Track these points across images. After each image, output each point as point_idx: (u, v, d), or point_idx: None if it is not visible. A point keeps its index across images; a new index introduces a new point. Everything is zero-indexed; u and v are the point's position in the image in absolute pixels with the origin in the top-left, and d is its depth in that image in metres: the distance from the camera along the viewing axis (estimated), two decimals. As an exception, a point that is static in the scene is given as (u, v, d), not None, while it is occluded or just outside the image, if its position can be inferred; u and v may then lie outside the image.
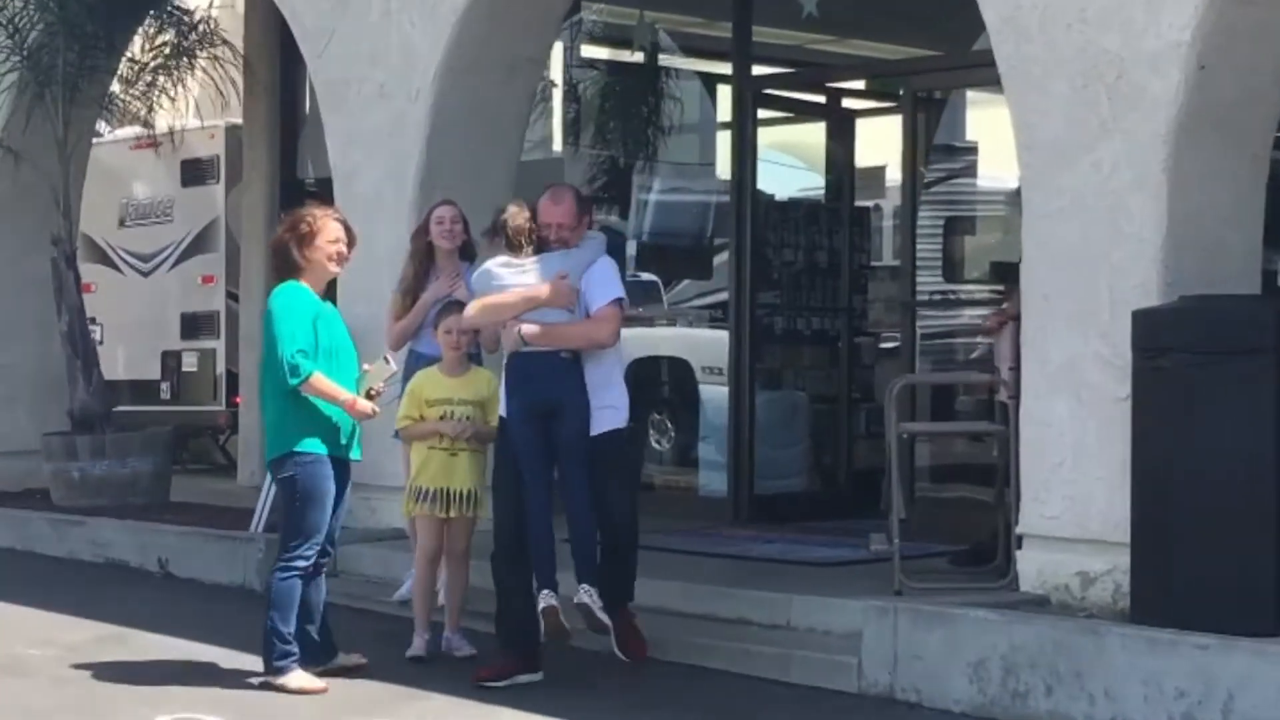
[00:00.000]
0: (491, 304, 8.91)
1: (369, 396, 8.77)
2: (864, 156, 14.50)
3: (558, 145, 15.09)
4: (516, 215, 8.94)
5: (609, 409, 8.92)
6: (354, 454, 8.86)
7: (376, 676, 8.94)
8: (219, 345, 17.42)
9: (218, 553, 12.05)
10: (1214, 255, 8.79)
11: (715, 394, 13.99)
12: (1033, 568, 9.10)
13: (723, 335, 13.88)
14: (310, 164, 15.95)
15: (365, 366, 8.83)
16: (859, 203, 14.36)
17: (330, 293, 9.09)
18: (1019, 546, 9.20)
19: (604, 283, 8.94)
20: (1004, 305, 9.96)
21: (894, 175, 15.04)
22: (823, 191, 14.38)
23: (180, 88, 15.31)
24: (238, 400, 17.09)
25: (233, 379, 17.15)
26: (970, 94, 13.95)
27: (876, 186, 15.24)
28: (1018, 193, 15.13)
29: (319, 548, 8.72)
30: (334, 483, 8.71)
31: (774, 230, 13.42)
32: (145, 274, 18.09)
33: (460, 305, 9.50)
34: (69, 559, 13.12)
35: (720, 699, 8.66)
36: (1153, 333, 8.33)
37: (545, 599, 8.60)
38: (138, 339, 17.94)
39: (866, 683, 8.62)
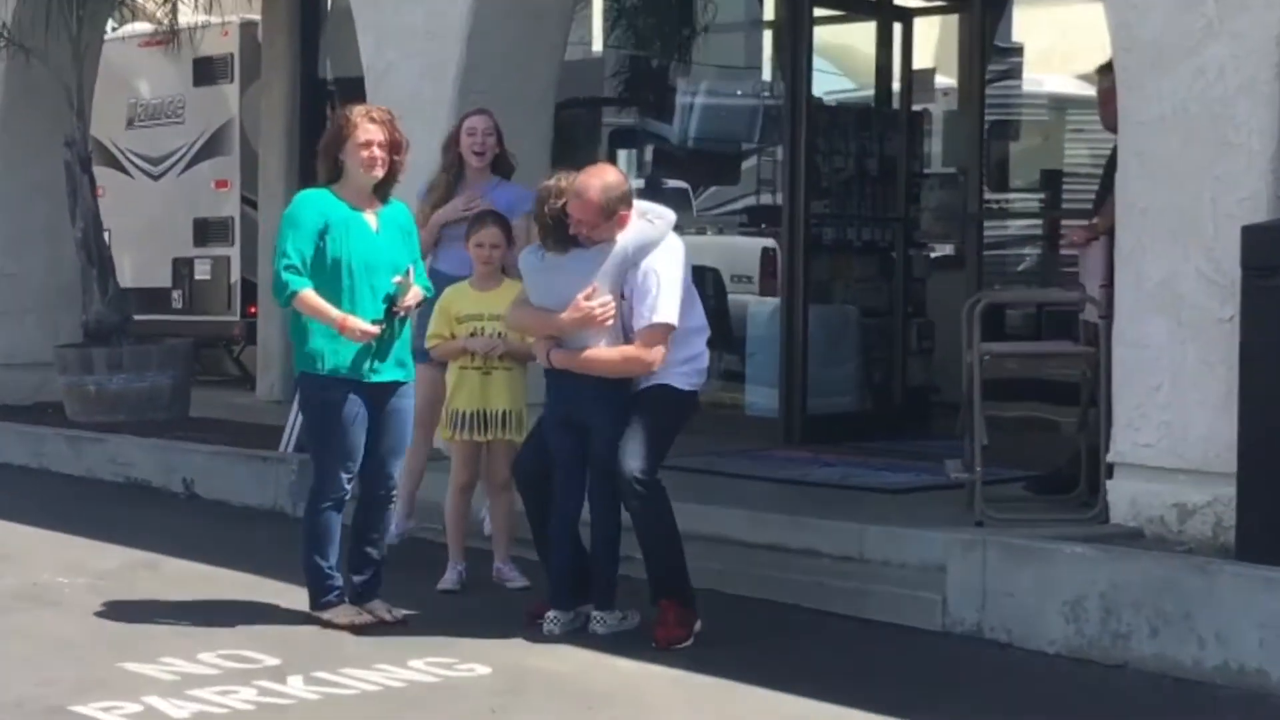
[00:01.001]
0: (517, 318, 8.31)
1: (392, 314, 8.17)
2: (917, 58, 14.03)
3: (598, 45, 14.53)
4: (542, 201, 7.98)
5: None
6: (380, 374, 8.17)
7: (421, 610, 8.54)
8: (234, 252, 16.91)
9: (246, 474, 11.64)
10: (1327, 166, 8.33)
11: (757, 307, 13.56)
12: (1125, 498, 8.69)
13: (754, 243, 13.41)
14: (331, 63, 15.43)
15: (396, 279, 8.19)
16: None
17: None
18: (1110, 475, 8.78)
19: (646, 296, 7.92)
20: (1093, 220, 9.46)
21: (946, 79, 14.63)
22: (872, 95, 13.88)
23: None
24: (253, 310, 16.64)
25: (249, 288, 16.65)
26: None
27: (927, 90, 14.72)
28: (1064, 99, 14.82)
29: (349, 476, 8.18)
30: (362, 406, 8.13)
31: (823, 136, 12.90)
32: (155, 177, 17.59)
33: (495, 216, 9.00)
34: (87, 478, 12.72)
35: (794, 637, 8.25)
36: (1267, 250, 7.87)
37: (550, 622, 8.06)
38: (147, 246, 17.42)
39: (951, 620, 8.21)
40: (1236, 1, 8.23)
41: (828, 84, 14.92)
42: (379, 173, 8.18)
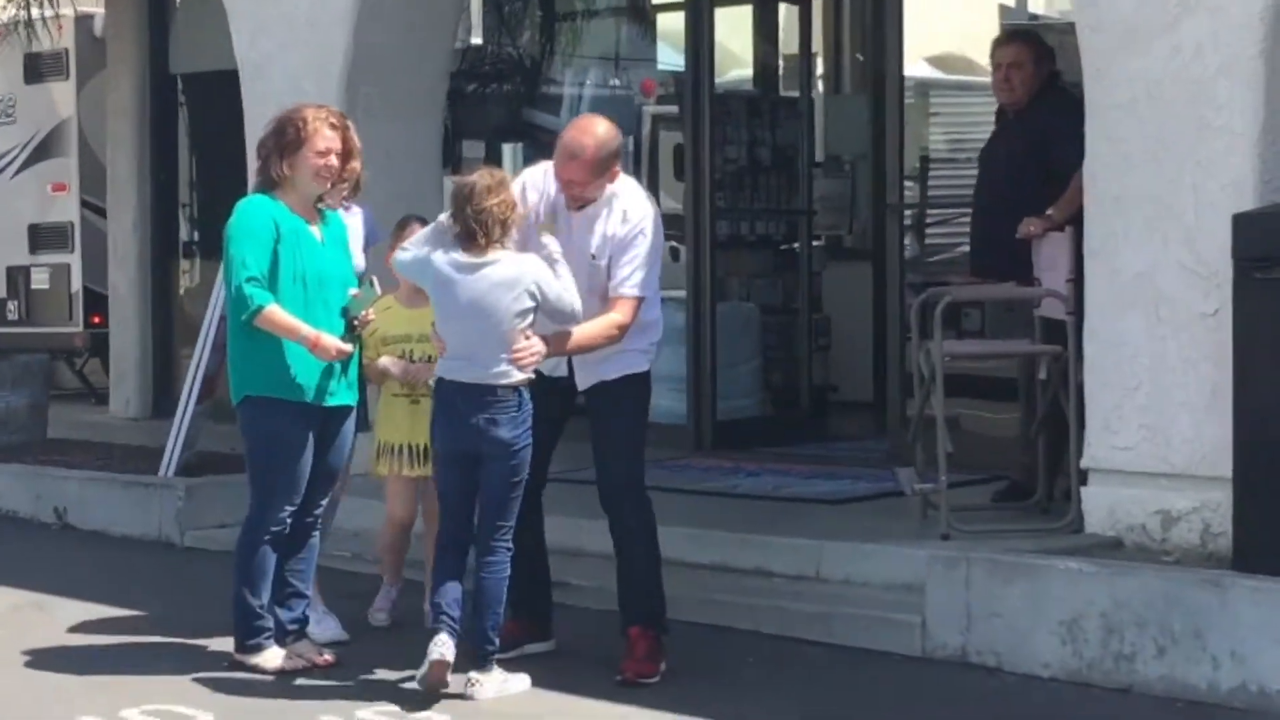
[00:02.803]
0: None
1: (352, 327, 7.62)
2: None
3: (477, 37, 13.90)
4: (468, 199, 7.12)
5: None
6: (333, 399, 7.60)
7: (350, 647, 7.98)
8: (74, 260, 16.07)
9: (125, 500, 10.91)
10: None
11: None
12: (1102, 506, 8.29)
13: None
14: (182, 56, 14.68)
15: (353, 292, 7.64)
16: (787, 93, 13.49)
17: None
18: (1084, 482, 8.36)
19: (633, 259, 7.37)
20: (1049, 211, 9.03)
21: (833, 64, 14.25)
22: (750, 80, 13.45)
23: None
24: (96, 320, 15.86)
25: (93, 297, 15.84)
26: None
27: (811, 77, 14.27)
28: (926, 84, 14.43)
29: (293, 509, 7.57)
30: (307, 432, 7.52)
31: (722, 126, 12.40)
32: (-16, 181, 16.71)
33: (421, 220, 8.35)
34: (-57, 510, 11.92)
35: (765, 669, 7.74)
36: (1263, 239, 7.48)
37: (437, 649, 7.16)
38: (-24, 254, 16.56)
39: (933, 644, 7.75)
40: (1215, -25, 7.86)
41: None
42: (328, 184, 7.56)
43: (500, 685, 7.12)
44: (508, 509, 7.14)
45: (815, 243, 13.40)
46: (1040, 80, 9.39)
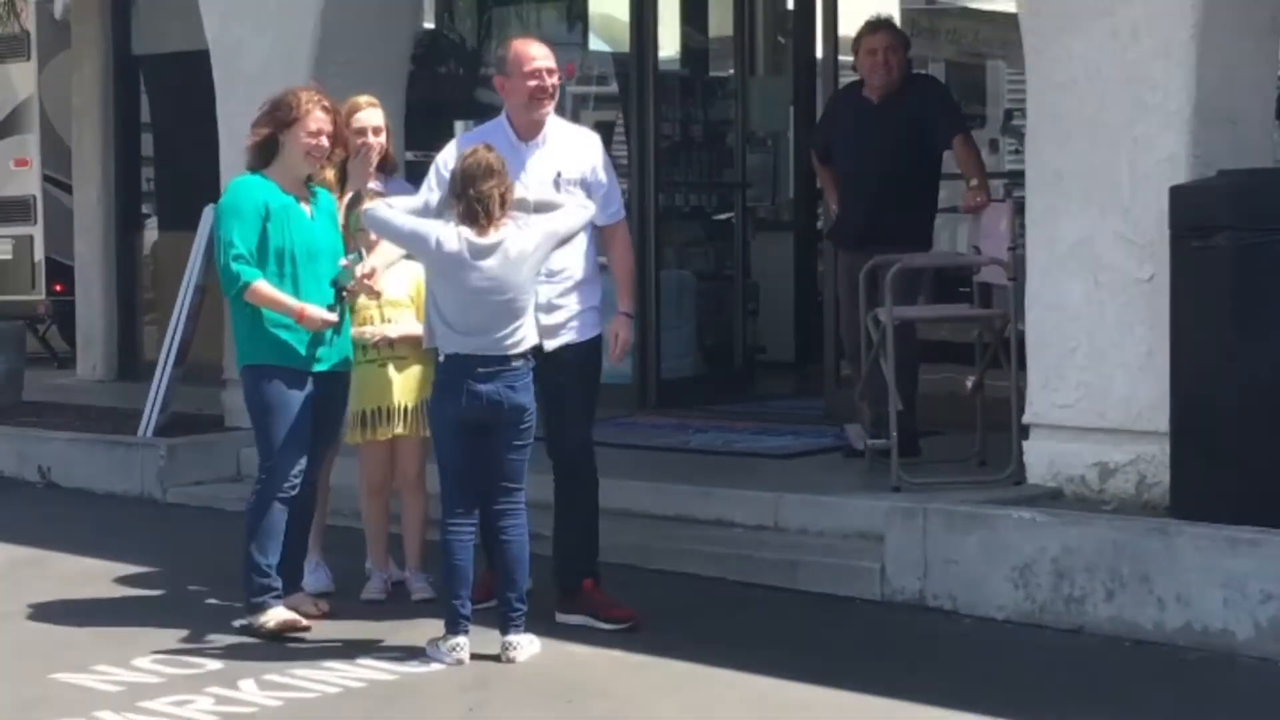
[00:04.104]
0: None
1: (340, 298, 7.43)
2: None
3: (430, 22, 13.66)
4: (475, 177, 6.85)
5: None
6: (325, 364, 7.38)
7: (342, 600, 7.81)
8: (37, 231, 15.78)
9: (108, 460, 10.69)
10: (1238, 126, 7.95)
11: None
12: (1042, 459, 8.26)
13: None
14: (144, 38, 14.42)
15: (342, 262, 7.43)
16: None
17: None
18: (1025, 436, 8.33)
19: (611, 188, 7.40)
20: (973, 183, 9.02)
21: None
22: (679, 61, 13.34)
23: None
24: (59, 288, 15.59)
25: (55, 266, 15.56)
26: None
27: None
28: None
29: (300, 470, 7.33)
30: (303, 395, 7.31)
31: (665, 103, 12.28)
32: (-54, 157, 16.36)
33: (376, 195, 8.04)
34: (-74, 470, 11.65)
35: (735, 613, 7.68)
36: (1199, 210, 7.46)
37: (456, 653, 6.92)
38: (-62, 227, 16.22)
39: (892, 589, 7.69)
40: (1150, -37, 7.82)
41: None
42: (317, 165, 7.39)
43: (530, 647, 6.96)
44: (520, 472, 7.00)
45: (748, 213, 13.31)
46: (905, 66, 9.43)
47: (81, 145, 14.64)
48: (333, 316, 7.36)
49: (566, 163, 7.29)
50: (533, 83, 7.22)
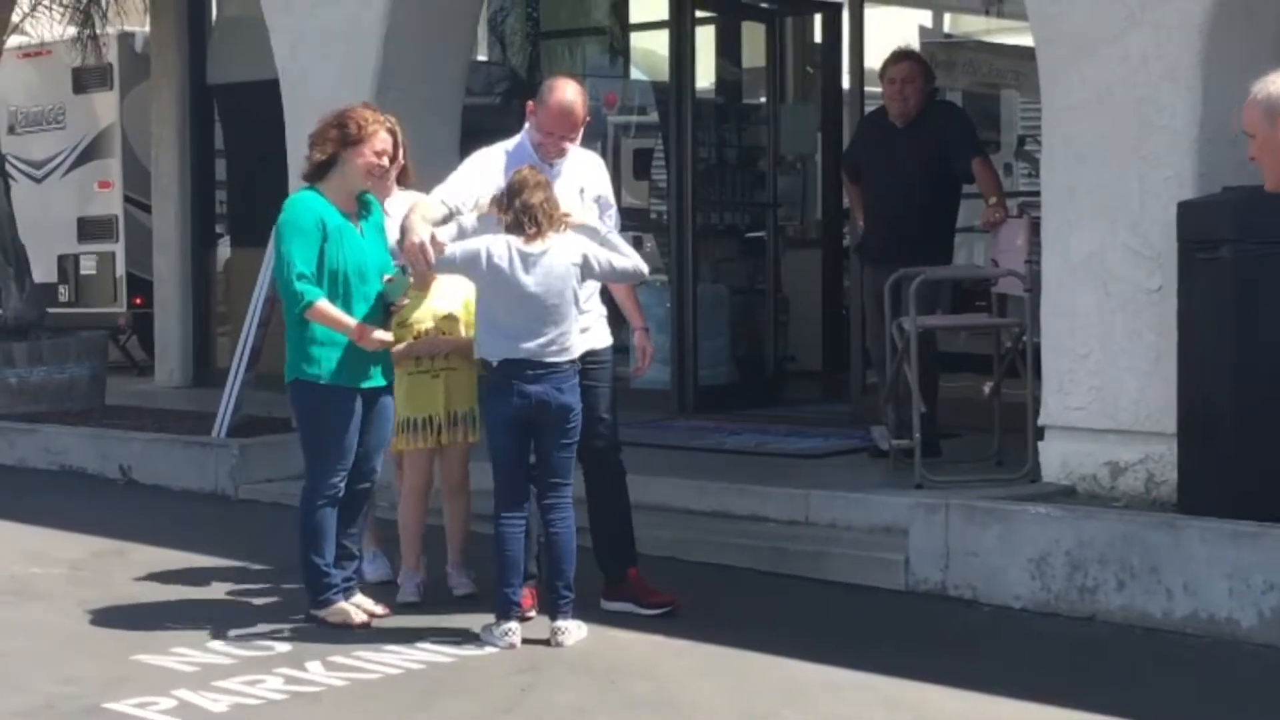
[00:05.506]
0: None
1: (389, 313, 7.25)
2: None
3: (483, 54, 13.64)
4: (521, 190, 6.83)
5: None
6: (370, 382, 7.18)
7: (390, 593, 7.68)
8: (118, 248, 15.87)
9: (185, 458, 10.67)
10: (1237, 146, 7.85)
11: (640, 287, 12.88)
12: (1056, 458, 8.19)
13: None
14: (218, 69, 14.47)
15: (386, 277, 7.21)
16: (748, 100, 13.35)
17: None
18: (1040, 438, 8.26)
19: (613, 211, 7.39)
20: (991, 200, 8.96)
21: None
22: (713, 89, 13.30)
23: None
24: (138, 301, 15.67)
25: (135, 281, 15.66)
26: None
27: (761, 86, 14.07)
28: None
29: (344, 474, 7.19)
30: (349, 411, 7.14)
31: (701, 129, 12.24)
32: (38, 180, 16.40)
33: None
34: (20, 467, 11.61)
35: (769, 600, 7.62)
36: (1205, 224, 7.38)
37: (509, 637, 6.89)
38: (32, 244, 16.07)
39: (915, 579, 7.63)
40: (1158, -8, 7.75)
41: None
42: (373, 183, 7.30)
43: (577, 632, 6.89)
44: (567, 468, 6.96)
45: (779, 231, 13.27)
46: (927, 95, 9.36)
47: (160, 168, 14.70)
48: (389, 337, 7.18)
49: (588, 181, 7.28)
50: (546, 139, 7.14)
